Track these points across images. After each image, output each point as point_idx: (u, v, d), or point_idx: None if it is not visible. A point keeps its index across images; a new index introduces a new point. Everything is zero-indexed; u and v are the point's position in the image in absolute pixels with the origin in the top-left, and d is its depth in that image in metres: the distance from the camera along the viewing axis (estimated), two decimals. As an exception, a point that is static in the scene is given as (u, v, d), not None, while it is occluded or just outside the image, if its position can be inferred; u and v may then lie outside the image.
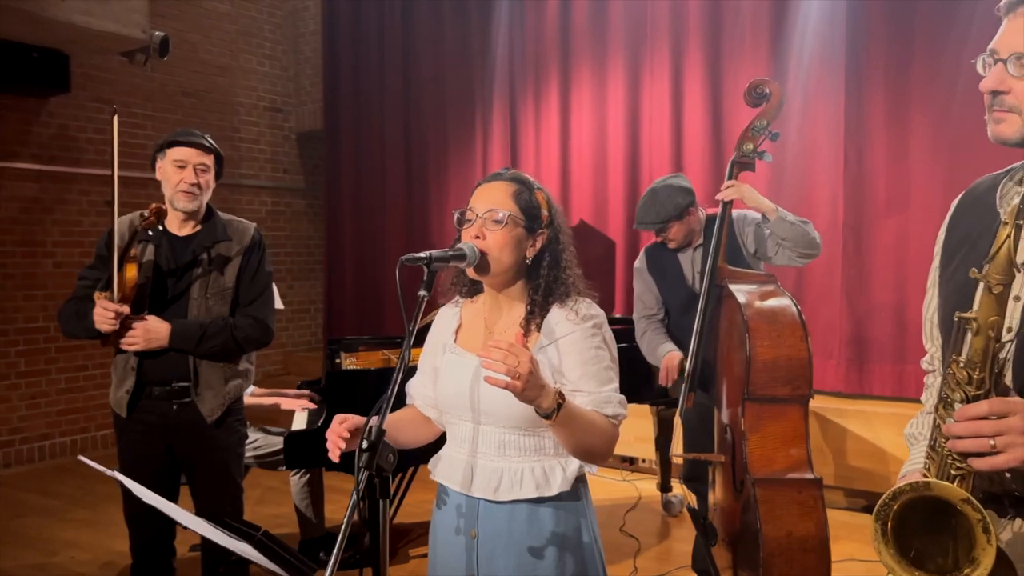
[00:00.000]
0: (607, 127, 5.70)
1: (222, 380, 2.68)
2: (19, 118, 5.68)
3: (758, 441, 2.60)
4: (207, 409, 2.63)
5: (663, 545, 4.16)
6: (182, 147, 2.63)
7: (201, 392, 2.64)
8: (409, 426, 1.80)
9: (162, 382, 2.62)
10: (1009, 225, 1.13)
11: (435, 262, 1.54)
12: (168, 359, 2.61)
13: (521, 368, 1.39)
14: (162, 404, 2.63)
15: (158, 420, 2.63)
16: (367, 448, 1.35)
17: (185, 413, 2.63)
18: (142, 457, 2.66)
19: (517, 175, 1.75)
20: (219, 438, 2.69)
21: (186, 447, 2.68)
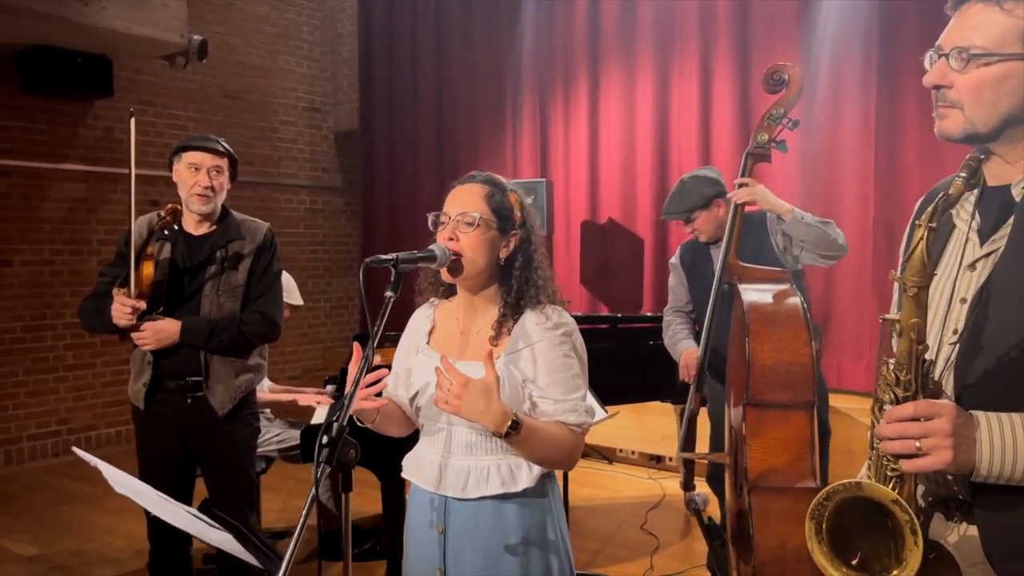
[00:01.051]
0: (636, 125, 5.68)
1: (232, 374, 2.77)
2: (66, 121, 5.91)
3: (759, 446, 2.58)
4: (218, 402, 2.73)
5: (683, 544, 4.15)
6: (196, 151, 2.73)
7: (212, 386, 2.73)
8: (393, 420, 1.84)
9: (176, 376, 2.72)
10: (923, 228, 1.13)
11: (402, 263, 1.58)
12: (182, 354, 2.71)
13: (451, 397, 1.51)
14: (177, 397, 2.73)
15: (173, 413, 2.74)
16: (327, 444, 1.40)
17: (198, 406, 2.73)
18: (159, 449, 2.77)
19: (490, 177, 1.78)
20: (231, 431, 2.78)
21: (199, 439, 2.78)
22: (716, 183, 3.28)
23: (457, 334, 1.79)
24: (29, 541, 4.27)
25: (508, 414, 1.54)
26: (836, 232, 3.05)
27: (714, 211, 3.28)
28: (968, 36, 1.23)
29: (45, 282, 5.85)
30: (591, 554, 4.00)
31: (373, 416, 1.72)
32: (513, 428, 1.54)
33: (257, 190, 7.08)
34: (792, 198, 4.83)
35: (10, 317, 5.70)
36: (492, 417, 1.53)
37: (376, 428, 1.76)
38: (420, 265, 1.64)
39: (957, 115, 1.26)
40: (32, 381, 5.78)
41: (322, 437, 1.41)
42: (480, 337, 1.75)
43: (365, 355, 1.51)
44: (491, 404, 1.53)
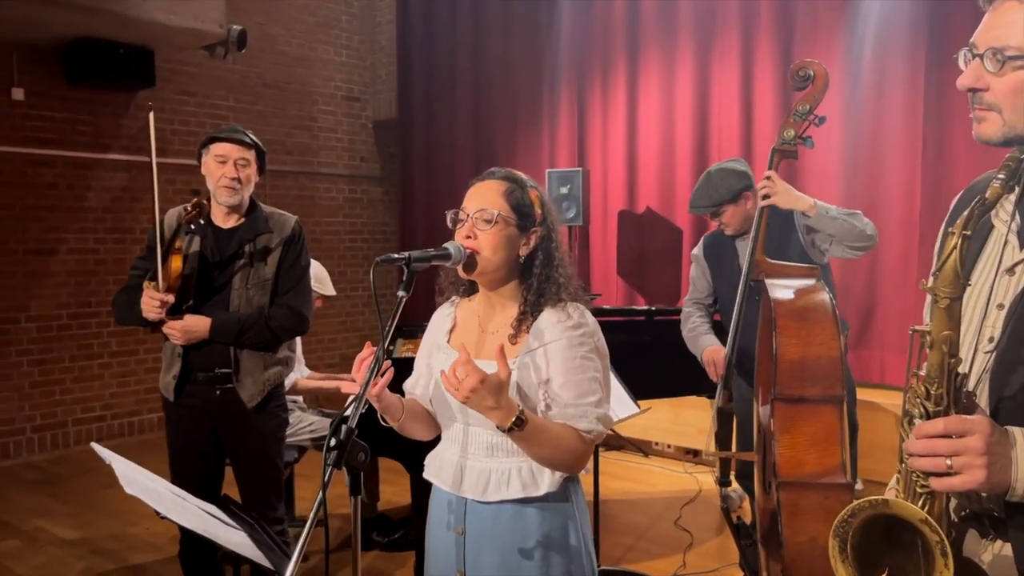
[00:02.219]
0: (675, 114, 5.59)
1: (261, 367, 2.78)
2: (110, 112, 6.01)
3: (788, 442, 2.51)
4: (247, 395, 2.74)
5: (717, 541, 4.08)
6: (223, 143, 2.73)
7: (242, 379, 2.75)
8: (419, 419, 1.82)
9: (206, 368, 2.74)
10: (956, 235, 1.06)
11: (415, 262, 1.55)
12: (211, 347, 2.73)
13: (462, 387, 1.46)
14: (206, 389, 2.75)
15: (202, 405, 2.76)
16: (335, 447, 1.38)
17: (227, 398, 2.75)
18: (189, 440, 2.80)
19: (509, 174, 1.75)
20: (260, 423, 2.80)
21: (228, 431, 2.80)
22: (744, 176, 3.20)
23: (477, 332, 1.77)
24: (72, 524, 4.37)
25: (514, 409, 1.52)
26: (863, 222, 2.96)
27: (742, 205, 3.20)
28: (1003, 35, 1.16)
29: (90, 270, 5.97)
30: (623, 549, 3.96)
31: (398, 415, 1.70)
32: (517, 424, 1.51)
33: (296, 179, 7.14)
34: (835, 189, 4.75)
35: (56, 305, 5.83)
36: (499, 412, 1.51)
37: (402, 429, 1.75)
38: (435, 263, 1.61)
39: (995, 118, 1.19)
40: (77, 367, 5.92)
41: (330, 439, 1.39)
42: (499, 336, 1.72)
43: (376, 355, 1.49)
44: (500, 400, 1.50)
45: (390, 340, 1.53)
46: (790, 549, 2.35)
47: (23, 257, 5.67)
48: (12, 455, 5.63)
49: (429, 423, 1.83)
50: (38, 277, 5.74)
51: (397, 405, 1.71)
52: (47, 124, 5.73)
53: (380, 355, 1.49)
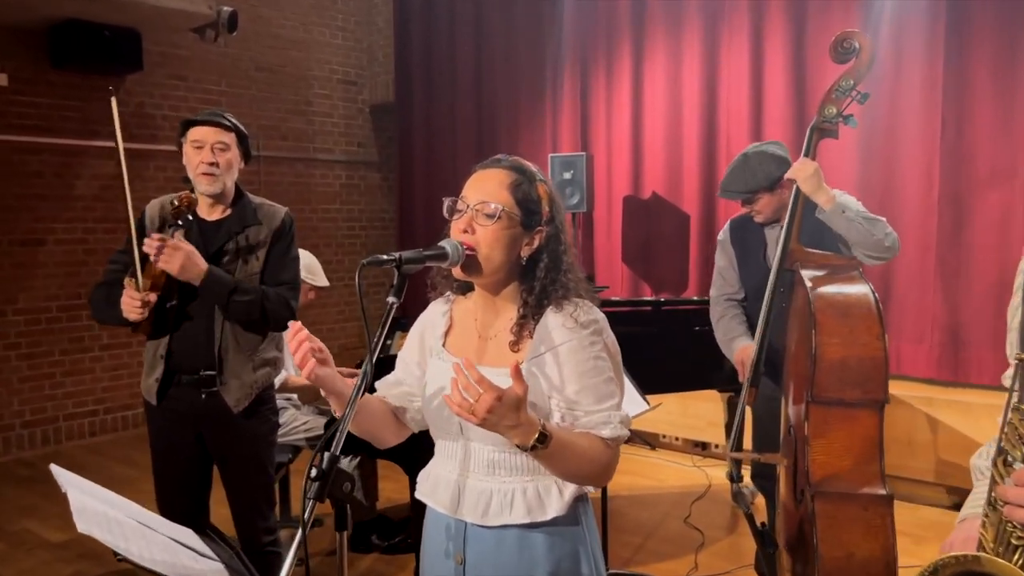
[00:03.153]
0: (682, 96, 5.40)
1: (249, 369, 2.60)
2: (98, 97, 5.80)
3: (823, 448, 2.35)
4: (232, 399, 2.57)
5: (729, 540, 3.93)
6: (199, 127, 2.55)
7: (227, 381, 2.57)
8: (375, 419, 1.63)
9: (190, 370, 2.57)
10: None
11: (407, 264, 1.38)
12: (196, 347, 2.55)
13: (477, 409, 1.29)
14: (190, 393, 2.58)
15: (187, 409, 2.59)
16: (317, 477, 1.22)
17: (213, 402, 2.57)
18: (173, 446, 2.64)
19: (517, 163, 1.57)
20: (248, 428, 2.63)
21: (215, 436, 2.63)
22: (785, 163, 2.95)
23: (475, 337, 1.60)
24: (61, 526, 4.22)
25: (536, 425, 1.36)
26: (884, 232, 2.72)
27: (779, 193, 2.97)
28: None
29: (79, 261, 5.79)
30: (632, 549, 3.81)
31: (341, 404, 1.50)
32: (540, 441, 1.35)
33: (292, 166, 6.95)
34: (850, 173, 4.57)
35: (45, 297, 5.66)
36: (519, 431, 1.34)
37: (359, 431, 1.58)
38: (429, 264, 1.44)
39: None
40: (68, 361, 5.75)
41: (311, 469, 1.22)
42: (499, 341, 1.56)
43: (363, 371, 1.33)
44: (520, 417, 1.34)
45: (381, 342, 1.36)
46: (826, 564, 2.19)
47: (9, 248, 5.48)
48: (3, 452, 5.47)
49: (391, 426, 1.66)
50: (26, 268, 5.56)
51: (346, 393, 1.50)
52: (32, 110, 5.53)
53: (368, 370, 1.32)
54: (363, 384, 1.32)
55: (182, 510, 2.62)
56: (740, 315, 3.22)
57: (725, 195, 3.07)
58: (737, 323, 3.20)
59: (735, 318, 3.21)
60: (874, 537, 2.28)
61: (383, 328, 1.34)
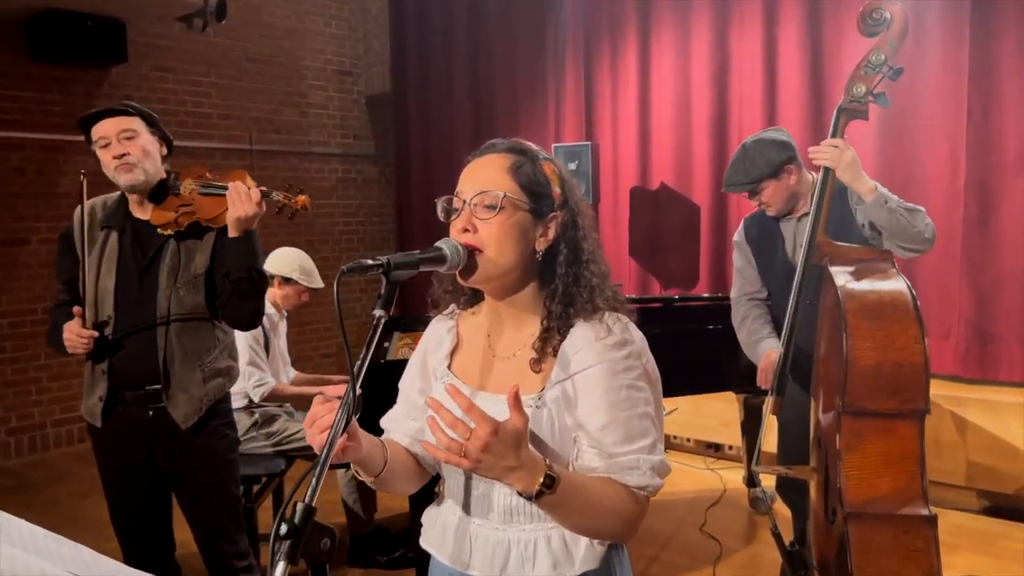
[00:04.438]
0: (691, 81, 5.16)
1: (198, 380, 2.37)
2: (82, 91, 5.58)
3: (857, 463, 2.14)
4: (180, 414, 2.34)
5: (748, 550, 3.72)
6: (98, 124, 2.33)
7: (173, 395, 2.34)
8: (403, 471, 1.40)
9: (134, 385, 2.34)
10: None
11: (396, 270, 1.15)
12: (139, 360, 2.32)
13: (470, 450, 1.08)
14: (137, 410, 2.35)
15: (134, 428, 2.36)
16: (288, 534, 1.00)
17: (162, 419, 2.35)
18: (124, 469, 2.41)
19: (516, 144, 1.34)
20: (201, 446, 2.40)
21: (167, 457, 2.41)
22: (785, 147, 2.74)
23: (488, 356, 1.37)
24: (44, 540, 4.01)
25: (540, 466, 1.14)
26: (923, 223, 2.51)
27: (784, 180, 2.75)
28: None
29: (65, 261, 5.57)
30: (647, 561, 3.60)
31: (378, 466, 1.30)
32: (547, 486, 1.13)
33: (286, 159, 6.72)
34: (869, 161, 4.31)
35: (30, 298, 5.44)
36: (521, 474, 1.12)
37: (379, 485, 1.35)
38: (423, 270, 1.21)
39: None
40: (55, 364, 5.54)
41: (279, 524, 1.01)
42: (517, 361, 1.33)
43: (344, 401, 1.10)
44: (521, 456, 1.12)
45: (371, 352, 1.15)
46: (865, 596, 1.98)
47: (-9, 248, 5.28)
48: (-13, 460, 5.28)
49: (415, 474, 1.42)
50: (8, 269, 5.34)
51: (375, 454, 1.30)
52: (12, 104, 5.30)
53: (351, 400, 1.10)
54: (347, 418, 1.10)
55: (142, 538, 2.45)
56: (764, 315, 2.99)
57: (729, 189, 2.87)
58: (762, 324, 2.97)
59: (759, 318, 2.98)
60: (916, 564, 2.07)
61: (368, 348, 1.12)
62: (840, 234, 2.51)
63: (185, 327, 2.35)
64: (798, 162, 2.75)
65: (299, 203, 2.43)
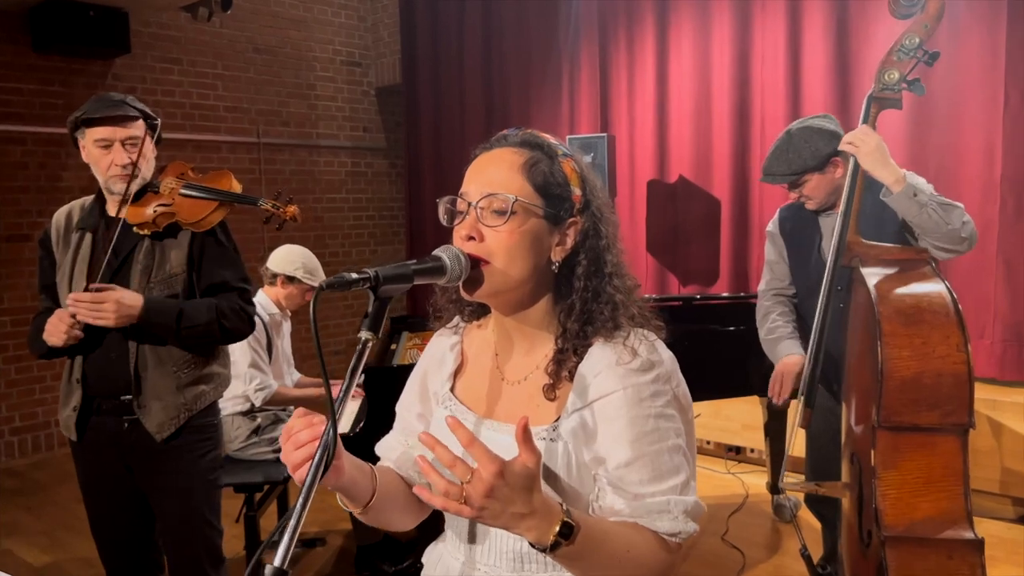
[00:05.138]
0: (711, 68, 4.96)
1: (173, 388, 2.20)
2: (84, 83, 5.46)
3: (894, 481, 1.96)
4: (153, 425, 2.18)
5: (772, 561, 3.54)
6: (99, 126, 2.15)
7: (145, 404, 2.18)
8: (397, 502, 1.24)
9: (109, 394, 2.19)
10: None
11: (387, 283, 0.99)
12: (113, 368, 2.17)
13: (471, 496, 0.92)
14: (112, 421, 2.20)
15: (109, 440, 2.21)
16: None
17: (137, 431, 2.20)
18: (102, 484, 2.27)
19: (531, 137, 1.17)
20: (177, 463, 2.23)
21: (142, 472, 2.25)
22: (834, 137, 2.52)
23: (495, 379, 1.21)
24: (43, 545, 3.90)
25: (557, 513, 0.97)
26: (960, 221, 2.29)
27: (829, 173, 2.55)
28: None
29: (69, 257, 5.46)
30: (665, 573, 3.43)
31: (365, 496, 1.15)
32: (564, 535, 0.96)
33: (294, 153, 6.58)
34: (899, 153, 4.11)
35: (33, 295, 5.24)
36: (534, 522, 0.96)
37: (368, 518, 1.19)
38: (418, 283, 1.05)
39: None
40: (59, 363, 5.35)
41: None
42: (529, 386, 1.17)
43: (323, 441, 0.95)
44: (532, 502, 0.95)
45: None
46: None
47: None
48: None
49: (412, 507, 1.26)
50: (11, 266, 5.23)
51: (362, 482, 1.14)
52: (14, 97, 5.18)
53: (330, 436, 0.95)
54: (323, 460, 0.94)
55: (124, 559, 2.31)
56: (788, 312, 2.81)
57: (768, 179, 2.65)
58: (784, 321, 2.79)
59: (782, 315, 2.80)
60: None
61: (351, 376, 0.96)
62: (875, 231, 2.31)
63: None
64: (845, 154, 2.54)
65: (288, 213, 2.27)
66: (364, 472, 1.16)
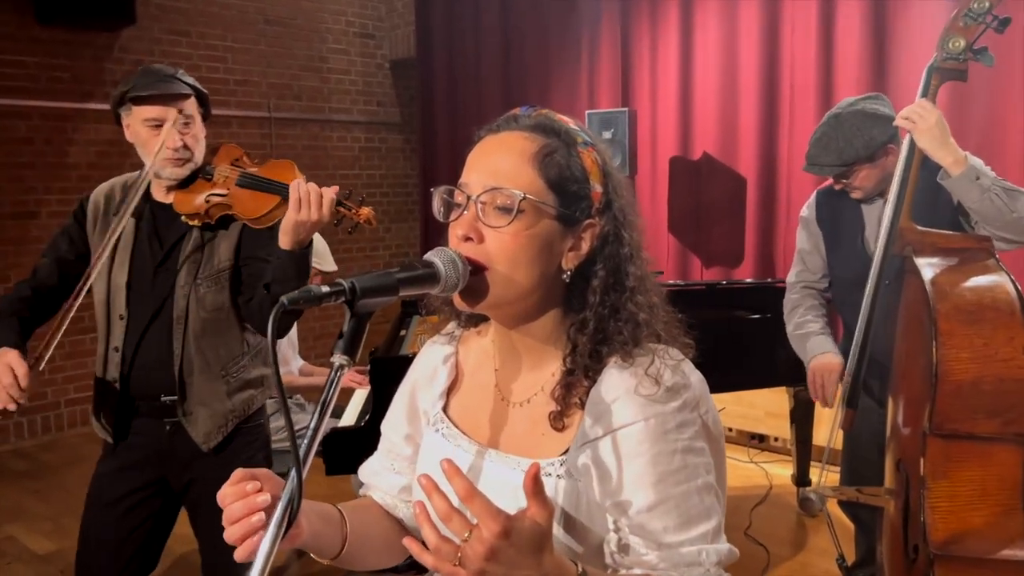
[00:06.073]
0: (738, 39, 4.74)
1: (223, 394, 2.04)
2: (90, 55, 5.31)
3: (945, 493, 1.80)
4: (200, 433, 2.03)
5: (798, 559, 3.40)
6: (149, 104, 1.96)
7: (191, 410, 2.03)
8: (374, 540, 1.10)
9: (149, 395, 2.03)
10: None
11: (365, 296, 0.83)
12: (153, 364, 2.00)
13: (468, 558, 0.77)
14: (152, 425, 2.04)
15: (150, 445, 2.04)
16: None
17: (180, 436, 2.04)
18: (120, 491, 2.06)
19: (545, 121, 1.00)
20: (222, 470, 2.05)
21: (180, 481, 2.09)
22: (889, 123, 2.26)
23: (495, 399, 1.05)
24: (48, 532, 3.82)
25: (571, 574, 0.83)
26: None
27: (881, 163, 2.31)
28: None
29: (76, 235, 5.35)
30: (686, 570, 3.30)
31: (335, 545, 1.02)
32: None
33: (306, 127, 6.42)
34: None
35: (40, 274, 5.23)
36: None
37: (342, 564, 1.04)
38: (405, 296, 0.89)
39: None
40: (68, 343, 5.32)
41: None
42: (532, 409, 1.01)
43: (287, 495, 0.80)
44: (543, 565, 0.81)
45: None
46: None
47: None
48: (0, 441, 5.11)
49: (395, 545, 1.11)
50: (17, 244, 5.12)
51: (328, 533, 1.01)
52: (18, 71, 5.04)
53: (294, 489, 0.80)
54: (288, 517, 0.79)
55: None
56: (818, 306, 2.61)
57: (813, 169, 2.40)
58: (813, 316, 2.58)
59: (811, 309, 2.60)
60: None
61: (322, 413, 0.81)
62: (930, 218, 2.12)
63: (206, 331, 2.03)
64: (899, 140, 2.30)
65: (362, 216, 2.02)
66: (331, 521, 1.02)
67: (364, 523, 1.08)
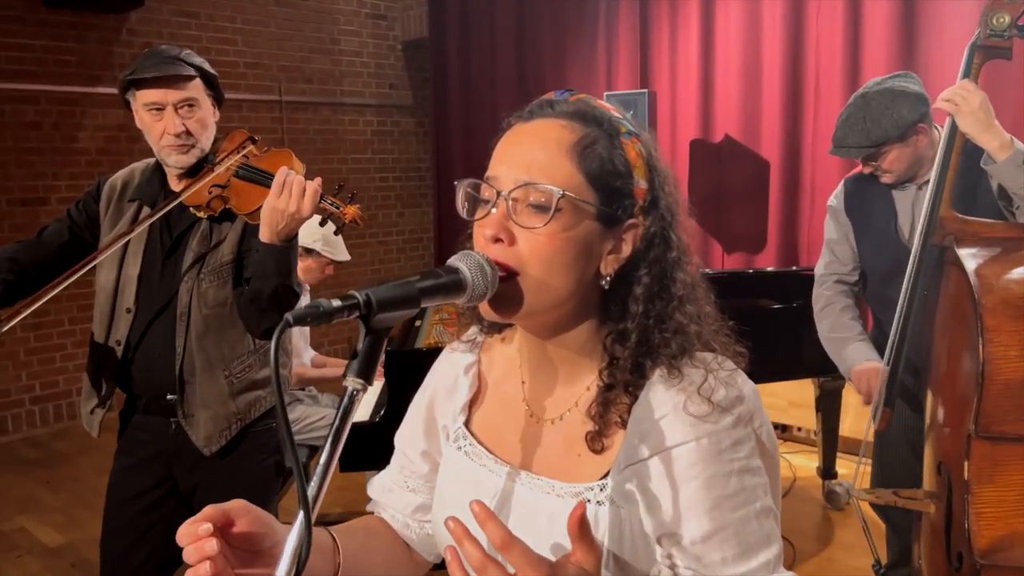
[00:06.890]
0: (761, 18, 4.61)
1: (226, 395, 1.95)
2: (98, 38, 5.22)
3: (991, 499, 1.70)
4: (200, 437, 1.93)
5: (824, 554, 3.31)
6: (150, 88, 1.86)
7: (191, 412, 1.94)
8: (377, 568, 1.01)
9: (152, 392, 1.95)
10: None
11: (383, 311, 0.73)
12: (156, 366, 1.92)
13: None
14: (156, 422, 1.96)
15: (154, 442, 1.96)
16: None
17: (185, 438, 1.96)
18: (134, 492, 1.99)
19: (586, 107, 0.88)
20: (227, 478, 1.96)
21: (187, 484, 2.01)
22: (919, 101, 2.16)
23: (523, 415, 0.95)
24: (58, 524, 3.78)
25: None
26: None
27: (912, 144, 2.18)
28: None
29: (86, 221, 5.29)
30: (708, 566, 3.21)
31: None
32: None
33: (317, 111, 6.31)
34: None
35: (50, 261, 5.17)
36: None
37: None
38: (427, 306, 0.78)
39: None
40: (79, 331, 5.29)
41: None
42: (566, 427, 0.91)
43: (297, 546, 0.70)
44: None
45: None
46: None
47: (8, 208, 4.99)
48: (11, 430, 5.07)
49: (401, 569, 1.03)
50: (26, 231, 5.04)
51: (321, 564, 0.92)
52: (25, 54, 4.96)
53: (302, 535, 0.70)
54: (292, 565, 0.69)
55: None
56: (853, 306, 2.46)
57: (840, 152, 2.27)
58: (849, 318, 2.42)
59: (846, 311, 2.43)
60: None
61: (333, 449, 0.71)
62: (969, 205, 2.00)
63: (209, 328, 1.94)
64: (931, 119, 2.18)
65: (348, 215, 1.92)
66: (323, 551, 0.93)
67: (366, 549, 0.99)
